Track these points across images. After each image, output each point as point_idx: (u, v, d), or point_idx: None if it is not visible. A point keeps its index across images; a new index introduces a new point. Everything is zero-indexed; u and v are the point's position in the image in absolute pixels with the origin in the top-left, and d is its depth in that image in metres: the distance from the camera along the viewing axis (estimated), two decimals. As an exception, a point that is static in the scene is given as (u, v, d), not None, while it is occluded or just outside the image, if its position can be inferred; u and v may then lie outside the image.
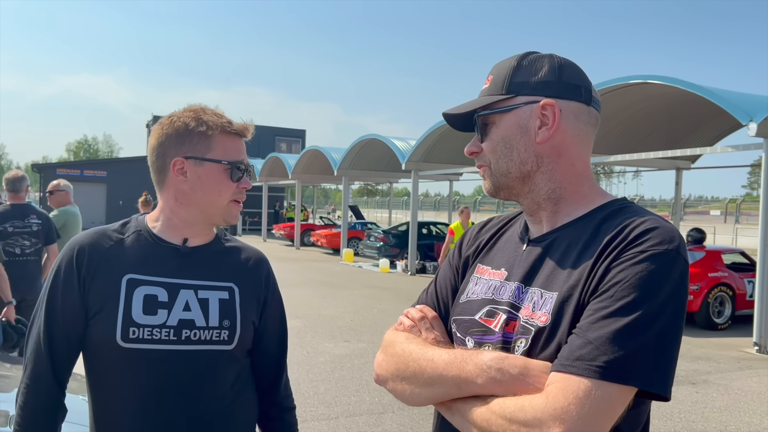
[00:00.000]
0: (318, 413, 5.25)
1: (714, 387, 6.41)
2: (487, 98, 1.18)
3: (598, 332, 0.95)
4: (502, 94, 1.16)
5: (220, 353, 1.49)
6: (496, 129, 1.17)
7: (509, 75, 1.16)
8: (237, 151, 1.54)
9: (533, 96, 1.14)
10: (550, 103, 1.13)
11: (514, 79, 1.16)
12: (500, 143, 1.17)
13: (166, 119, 1.54)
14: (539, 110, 1.13)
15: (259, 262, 1.65)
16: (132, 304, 1.43)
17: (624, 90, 10.63)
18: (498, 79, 1.18)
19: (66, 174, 30.77)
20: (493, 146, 1.18)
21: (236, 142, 1.55)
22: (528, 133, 1.14)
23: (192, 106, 1.55)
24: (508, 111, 1.15)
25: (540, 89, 1.14)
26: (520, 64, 1.17)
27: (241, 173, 1.54)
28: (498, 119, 1.17)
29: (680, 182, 14.40)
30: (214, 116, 1.52)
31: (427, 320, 1.26)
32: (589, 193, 1.18)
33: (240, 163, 1.54)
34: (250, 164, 1.58)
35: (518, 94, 1.15)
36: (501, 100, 1.16)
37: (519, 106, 1.15)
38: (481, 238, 1.33)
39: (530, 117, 1.14)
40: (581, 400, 0.91)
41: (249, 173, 1.58)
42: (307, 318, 9.50)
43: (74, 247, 1.49)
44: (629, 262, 0.99)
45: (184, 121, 1.50)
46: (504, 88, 1.16)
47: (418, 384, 1.11)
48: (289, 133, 41.03)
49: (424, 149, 15.96)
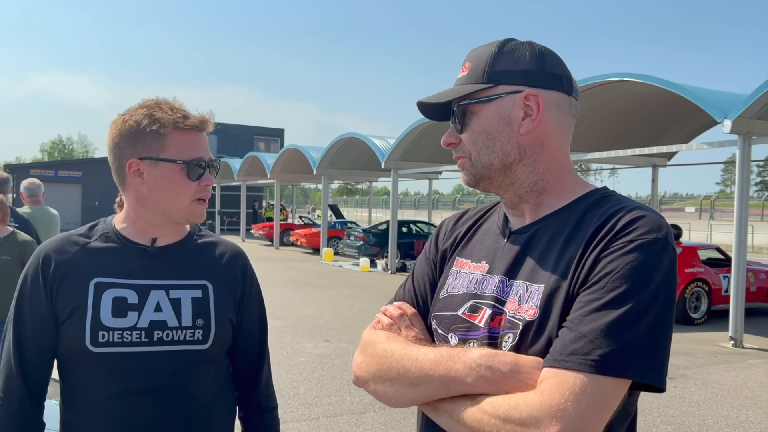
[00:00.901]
0: (298, 414, 5.20)
1: (692, 381, 6.48)
2: (467, 87, 1.13)
3: (591, 325, 0.93)
4: (482, 83, 1.12)
5: (194, 353, 1.45)
6: (477, 119, 1.13)
7: (489, 63, 1.12)
8: (194, 147, 1.46)
9: (516, 85, 1.11)
10: (534, 93, 1.10)
11: (495, 67, 1.12)
12: (482, 134, 1.13)
13: (119, 118, 1.48)
14: (522, 101, 1.10)
15: (235, 257, 1.60)
16: (101, 308, 1.39)
17: (601, 88, 10.71)
18: (477, 67, 1.13)
19: (40, 175, 30.20)
20: (473, 137, 1.13)
21: (193, 138, 1.47)
22: (511, 125, 1.11)
23: (146, 102, 1.49)
24: (490, 101, 1.11)
25: (522, 78, 1.11)
26: (500, 51, 1.13)
27: (201, 170, 1.47)
28: (479, 109, 1.13)
29: (656, 179, 14.57)
30: (169, 112, 1.45)
31: (406, 317, 1.22)
32: (570, 183, 1.15)
33: (198, 160, 1.46)
34: (212, 158, 1.51)
35: (500, 83, 1.11)
36: (482, 89, 1.12)
37: (501, 96, 1.11)
38: (458, 231, 1.29)
39: (513, 108, 1.10)
40: (578, 395, 0.89)
41: (213, 168, 1.51)
42: (287, 318, 9.43)
43: (39, 255, 1.45)
44: (619, 252, 0.97)
45: (136, 119, 1.44)
46: (485, 77, 1.12)
47: (403, 385, 1.07)
48: (268, 132, 40.79)
49: (404, 148, 15.94)
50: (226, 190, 33.07)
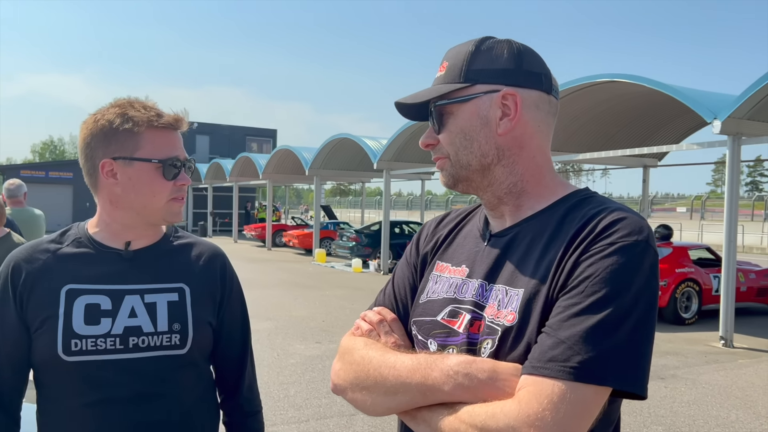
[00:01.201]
0: (288, 416, 5.17)
1: (682, 381, 6.49)
2: (443, 87, 1.11)
3: (569, 331, 0.90)
4: (459, 83, 1.10)
5: (172, 358, 1.41)
6: (455, 120, 1.11)
7: (466, 62, 1.10)
8: (169, 146, 1.43)
9: (493, 85, 1.08)
10: (511, 92, 1.08)
11: (472, 66, 1.09)
12: (459, 135, 1.10)
13: (90, 117, 1.44)
14: (500, 100, 1.08)
15: (213, 258, 1.56)
16: (72, 316, 1.36)
17: (592, 88, 10.74)
18: (454, 66, 1.11)
19: (30, 176, 30.01)
20: (451, 138, 1.11)
21: (168, 137, 1.44)
22: (489, 125, 1.09)
23: (119, 101, 1.46)
24: (467, 101, 1.09)
25: (500, 77, 1.08)
26: (477, 49, 1.10)
27: (176, 170, 1.44)
28: (456, 109, 1.10)
29: (647, 180, 14.62)
30: (142, 110, 1.42)
31: (385, 323, 1.19)
32: (550, 184, 1.13)
33: (173, 159, 1.43)
34: (188, 158, 1.48)
35: (477, 82, 1.09)
36: (459, 89, 1.09)
37: (478, 96, 1.09)
38: (439, 234, 1.27)
39: (490, 107, 1.08)
40: (556, 404, 0.87)
41: (188, 168, 1.48)
42: (277, 319, 9.39)
43: (9, 264, 1.42)
44: (598, 255, 0.95)
45: (108, 118, 1.40)
46: (462, 76, 1.10)
47: (380, 393, 1.04)
48: (260, 133, 40.69)
49: (396, 148, 15.93)
50: (218, 190, 32.98)
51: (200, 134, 37.63)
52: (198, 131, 37.53)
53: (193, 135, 37.13)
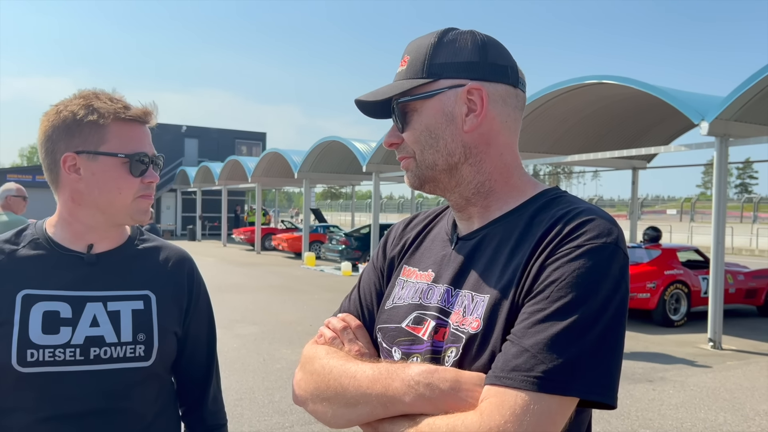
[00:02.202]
0: (272, 422, 5.08)
1: (670, 384, 6.46)
2: (405, 82, 1.05)
3: (534, 338, 0.85)
4: (422, 78, 1.03)
5: (136, 371, 1.33)
6: (419, 117, 1.04)
7: (429, 55, 1.04)
8: (137, 140, 1.36)
9: (457, 79, 1.02)
10: (477, 87, 1.02)
11: (435, 59, 1.03)
12: (424, 132, 1.04)
13: (52, 109, 1.36)
14: (465, 95, 1.02)
15: (180, 263, 1.48)
16: (29, 323, 1.26)
17: (580, 90, 10.74)
18: (416, 60, 1.05)
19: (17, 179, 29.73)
20: (416, 136, 1.05)
21: (136, 131, 1.36)
22: (454, 121, 1.03)
23: (83, 92, 1.37)
24: (431, 96, 1.03)
25: (464, 71, 1.02)
26: (439, 42, 1.04)
27: (144, 166, 1.36)
28: (419, 106, 1.04)
29: (636, 182, 14.65)
30: (108, 102, 1.33)
31: (350, 330, 1.14)
32: (519, 184, 1.07)
33: (141, 155, 1.35)
34: (156, 154, 1.40)
35: (440, 77, 1.03)
36: (422, 84, 1.03)
37: (442, 91, 1.03)
38: (407, 237, 1.21)
39: (455, 103, 1.02)
40: (518, 416, 0.82)
41: (156, 164, 1.40)
42: (264, 324, 9.30)
43: None
44: (565, 259, 0.90)
45: (72, 110, 1.32)
46: (424, 71, 1.03)
47: (341, 404, 0.99)
48: (249, 136, 40.52)
49: (385, 151, 15.88)
50: (207, 194, 32.83)
51: (189, 137, 37.42)
52: (187, 134, 37.33)
53: (182, 138, 36.92)
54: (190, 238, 30.59)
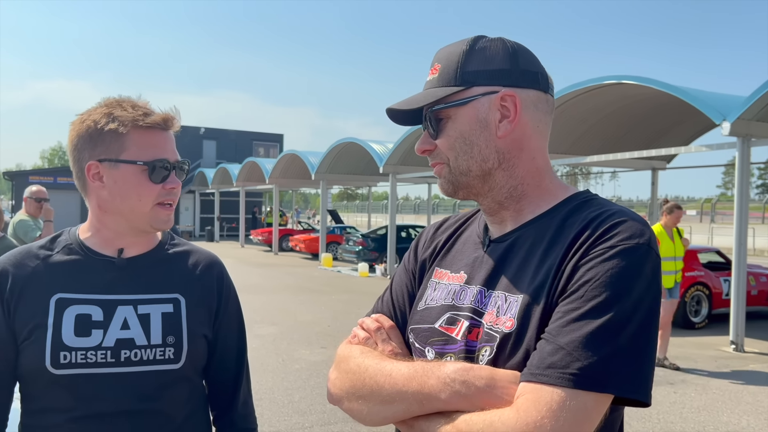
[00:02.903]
0: (292, 422, 5.12)
1: (692, 387, 6.40)
2: (439, 90, 1.07)
3: (569, 336, 0.88)
4: (455, 85, 1.06)
5: (166, 373, 1.35)
6: (453, 124, 1.07)
7: (461, 63, 1.06)
8: (156, 147, 1.37)
9: (491, 86, 1.05)
10: (510, 93, 1.04)
11: (467, 67, 1.06)
12: (458, 139, 1.07)
13: (78, 118, 1.39)
14: (498, 102, 1.05)
15: (209, 267, 1.50)
16: (62, 326, 1.30)
17: (599, 90, 10.66)
18: (448, 69, 1.07)
19: (39, 182, 30.22)
20: (450, 143, 1.07)
21: (156, 137, 1.37)
22: (488, 128, 1.05)
23: (108, 100, 1.40)
24: (465, 104, 1.06)
25: (497, 78, 1.05)
26: (471, 49, 1.07)
27: (165, 172, 1.37)
28: (453, 113, 1.07)
29: (656, 182, 14.51)
30: (129, 110, 1.36)
31: (383, 331, 1.16)
32: (551, 187, 1.10)
33: (161, 161, 1.36)
34: (180, 159, 1.41)
35: (474, 84, 1.05)
36: (455, 92, 1.06)
37: (476, 98, 1.05)
38: (438, 240, 1.24)
39: (489, 109, 1.05)
40: (555, 412, 0.84)
41: (181, 170, 1.42)
42: (283, 324, 9.35)
43: None
44: (598, 259, 0.92)
45: (95, 119, 1.35)
46: (457, 79, 1.06)
47: (376, 402, 1.01)
48: (267, 138, 40.76)
49: (402, 152, 15.88)
50: (225, 195, 33.05)
51: (207, 139, 37.74)
52: (205, 136, 37.64)
53: (200, 140, 37.24)
54: (208, 239, 30.82)
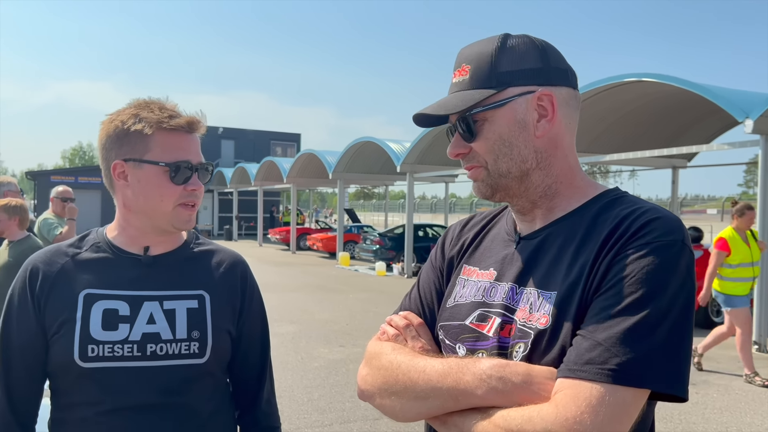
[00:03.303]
0: (311, 420, 5.15)
1: (714, 387, 6.33)
2: (475, 93, 1.06)
3: (606, 332, 0.88)
4: (491, 87, 1.05)
5: (190, 367, 1.37)
6: (491, 126, 1.06)
7: (494, 63, 1.05)
8: (180, 149, 1.39)
9: (527, 86, 1.05)
10: (547, 93, 1.05)
11: (500, 68, 1.05)
12: (497, 141, 1.06)
13: (107, 118, 1.43)
14: (536, 101, 1.05)
15: (233, 265, 1.53)
16: (90, 321, 1.33)
17: (619, 89, 10.58)
18: (481, 70, 1.06)
19: (60, 181, 30.62)
20: (489, 146, 1.07)
21: (179, 139, 1.39)
22: (527, 128, 1.05)
23: (137, 101, 1.43)
24: (502, 105, 1.05)
25: (532, 77, 1.05)
26: (502, 48, 1.06)
27: (189, 172, 1.39)
28: (490, 115, 1.06)
29: (677, 181, 14.35)
30: (156, 111, 1.38)
31: (412, 327, 1.17)
32: (581, 184, 1.10)
33: (184, 162, 1.38)
34: (203, 162, 1.43)
35: (509, 85, 1.05)
36: (493, 94, 1.05)
37: (513, 99, 1.05)
38: (465, 237, 1.25)
39: (527, 110, 1.05)
40: (594, 407, 0.85)
41: (205, 171, 1.43)
42: (301, 323, 9.40)
43: (27, 268, 1.40)
44: (634, 256, 0.92)
45: (122, 119, 1.38)
46: (493, 80, 1.05)
47: (410, 398, 1.02)
48: (284, 137, 40.94)
49: (419, 151, 15.88)
50: (243, 195, 33.26)
51: (225, 139, 38.00)
52: (223, 136, 37.91)
53: (219, 140, 37.51)
54: (226, 238, 31.03)
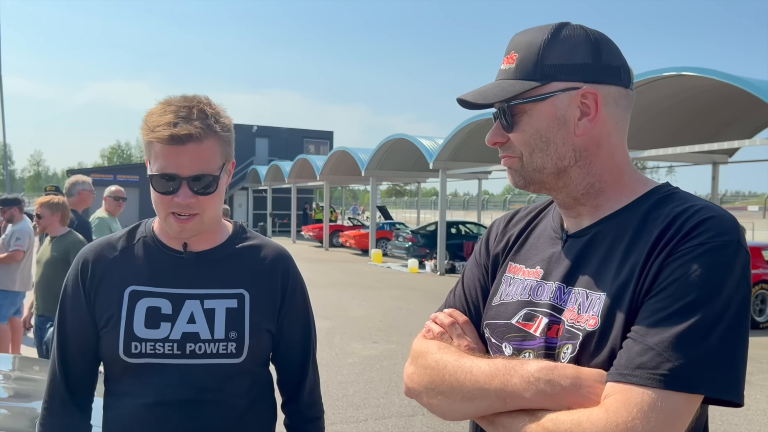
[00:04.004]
0: (346, 416, 5.18)
1: (757, 388, 6.17)
2: (517, 84, 1.02)
3: (658, 336, 0.86)
4: (534, 80, 1.02)
5: (227, 367, 1.40)
6: (529, 119, 1.03)
7: (541, 55, 1.02)
8: (165, 159, 1.32)
9: (571, 82, 1.01)
10: (592, 91, 1.01)
11: (547, 60, 1.01)
12: (534, 135, 1.03)
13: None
14: (579, 99, 1.01)
15: (276, 261, 1.52)
16: (134, 318, 1.38)
17: (657, 83, 10.36)
18: (527, 60, 1.03)
19: (100, 179, 31.35)
20: (525, 138, 1.04)
21: (166, 150, 1.31)
22: (566, 125, 1.02)
23: (164, 100, 1.38)
24: (543, 99, 1.02)
25: (578, 73, 1.01)
26: (552, 40, 1.02)
27: (171, 185, 1.32)
28: (530, 108, 1.03)
29: (717, 177, 14.00)
30: (155, 117, 1.33)
31: (457, 325, 1.16)
32: (630, 182, 1.07)
33: (165, 175, 1.32)
34: (194, 174, 1.33)
35: (554, 79, 1.01)
36: (534, 87, 1.02)
37: (555, 94, 1.01)
38: (510, 233, 1.22)
39: (569, 106, 1.01)
40: (646, 413, 0.83)
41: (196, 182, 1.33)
42: (335, 319, 9.46)
43: (79, 260, 1.45)
44: (687, 257, 0.89)
45: (143, 124, 1.36)
46: (537, 73, 1.02)
47: (457, 398, 1.01)
48: (317, 135, 41.16)
49: (452, 148, 15.81)
50: (277, 192, 33.58)
51: (260, 137, 38.40)
52: (257, 134, 38.31)
53: (253, 138, 37.91)
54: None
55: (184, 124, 1.30)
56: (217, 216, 1.46)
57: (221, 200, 1.43)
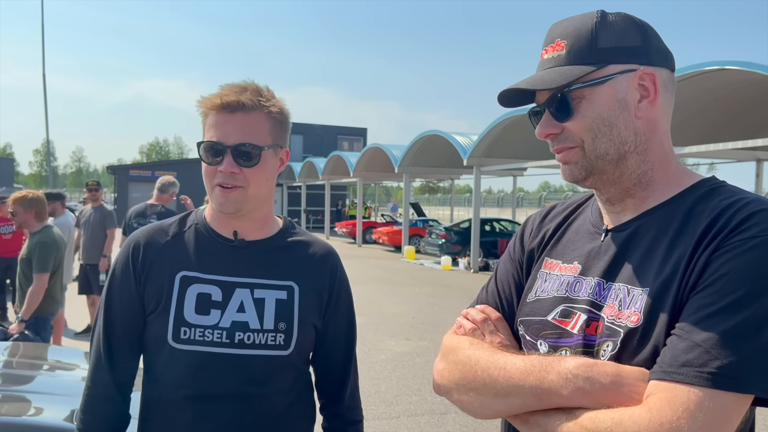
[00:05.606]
0: (379, 412, 5.18)
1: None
2: (575, 69, 0.99)
3: (705, 333, 0.82)
4: (591, 63, 0.99)
5: (274, 359, 1.39)
6: (589, 104, 1.00)
7: (593, 39, 1.00)
8: (214, 127, 1.36)
9: (628, 64, 0.99)
10: (650, 72, 0.99)
11: (600, 44, 0.99)
12: (596, 120, 1.00)
13: None
14: (637, 81, 0.99)
15: (325, 257, 1.52)
16: (185, 303, 1.37)
17: (699, 77, 10.09)
18: (579, 45, 1.00)
19: (138, 175, 32.03)
20: (587, 124, 1.01)
21: (215, 118, 1.36)
22: (627, 108, 0.99)
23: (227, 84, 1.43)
24: (603, 82, 0.99)
25: (633, 56, 0.99)
26: (601, 24, 1.00)
27: (216, 152, 1.35)
28: (589, 93, 1.00)
29: (761, 174, 13.58)
30: (217, 92, 1.38)
31: (490, 322, 1.13)
32: (676, 173, 1.03)
33: (210, 143, 1.35)
34: (240, 143, 1.35)
35: (610, 62, 0.99)
36: (593, 70, 0.99)
37: (614, 77, 0.99)
38: (546, 228, 1.19)
39: (628, 89, 0.99)
40: (692, 412, 0.79)
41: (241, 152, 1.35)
42: (368, 315, 9.47)
43: (130, 243, 1.45)
44: (735, 251, 0.85)
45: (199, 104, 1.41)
46: (593, 56, 0.99)
47: (489, 395, 0.98)
48: (351, 132, 41.31)
49: (486, 144, 15.66)
50: (311, 189, 33.82)
51: (294, 134, 38.71)
52: (292, 131, 38.18)
53: (288, 135, 38.32)
54: (293, 231, 31.60)
55: (236, 95, 1.35)
56: (264, 197, 1.44)
57: (267, 181, 1.42)
